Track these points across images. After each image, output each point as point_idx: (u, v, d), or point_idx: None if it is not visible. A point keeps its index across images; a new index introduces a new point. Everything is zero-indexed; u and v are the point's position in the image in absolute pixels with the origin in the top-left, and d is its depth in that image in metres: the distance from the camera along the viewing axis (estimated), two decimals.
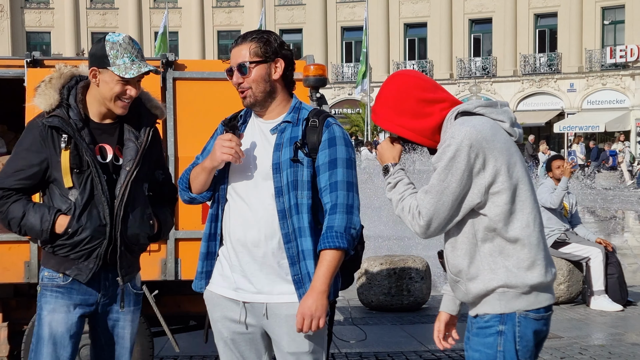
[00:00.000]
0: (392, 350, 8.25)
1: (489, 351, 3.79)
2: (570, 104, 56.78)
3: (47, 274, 4.47)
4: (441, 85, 4.02)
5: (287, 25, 63.95)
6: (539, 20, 58.78)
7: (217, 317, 4.26)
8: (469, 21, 60.34)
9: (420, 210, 3.74)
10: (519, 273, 3.73)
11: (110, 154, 4.45)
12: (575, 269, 11.18)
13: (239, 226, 4.13)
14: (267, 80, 4.12)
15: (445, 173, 3.69)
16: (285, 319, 4.10)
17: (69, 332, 4.44)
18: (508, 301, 3.75)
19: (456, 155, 3.67)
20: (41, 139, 4.36)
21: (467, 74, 59.37)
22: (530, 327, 3.77)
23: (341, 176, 4.09)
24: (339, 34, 62.97)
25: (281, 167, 4.07)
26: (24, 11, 64.22)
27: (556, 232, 11.09)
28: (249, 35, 4.17)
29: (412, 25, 61.99)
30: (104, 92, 4.36)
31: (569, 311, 10.75)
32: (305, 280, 4.07)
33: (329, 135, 4.13)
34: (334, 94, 61.80)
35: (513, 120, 3.88)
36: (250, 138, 4.20)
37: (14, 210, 4.38)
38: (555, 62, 57.75)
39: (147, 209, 4.54)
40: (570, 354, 8.29)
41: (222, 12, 65.08)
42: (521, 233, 3.74)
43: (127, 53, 4.32)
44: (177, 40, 62.82)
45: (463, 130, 3.70)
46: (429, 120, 3.89)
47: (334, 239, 4.02)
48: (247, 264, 4.12)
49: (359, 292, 10.94)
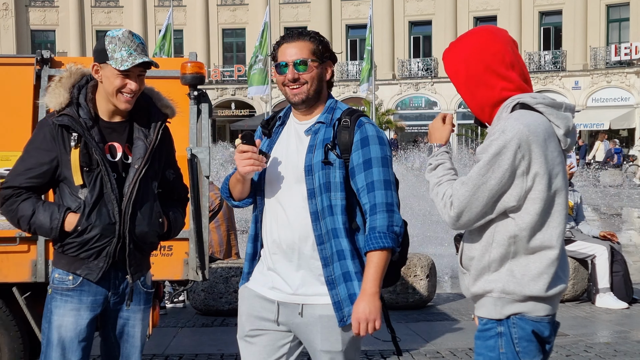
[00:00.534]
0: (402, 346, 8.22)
1: (491, 354, 3.75)
2: (575, 101, 56.65)
3: (58, 275, 4.47)
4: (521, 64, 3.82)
5: (291, 23, 63.85)
6: (544, 17, 58.75)
7: (242, 310, 4.26)
8: (474, 19, 60.27)
9: (453, 201, 3.64)
10: (521, 281, 3.66)
11: (119, 152, 4.45)
12: (580, 267, 11.17)
13: (274, 228, 4.13)
14: (321, 80, 4.16)
15: (486, 168, 3.58)
16: (319, 318, 4.09)
17: (78, 337, 4.44)
18: (503, 307, 3.70)
19: (502, 152, 3.56)
20: (51, 138, 4.37)
21: None
22: (528, 327, 3.70)
23: (377, 175, 4.04)
24: (344, 32, 62.93)
25: (313, 169, 4.04)
26: (28, 9, 64.29)
27: None
28: (305, 34, 4.20)
29: (417, 23, 61.98)
30: (106, 87, 4.37)
31: (574, 309, 10.74)
32: (339, 282, 4.04)
33: (361, 135, 4.08)
34: (339, 92, 61.75)
35: (569, 128, 3.71)
36: (286, 140, 4.20)
37: (24, 208, 4.38)
38: (560, 60, 57.72)
39: (157, 207, 4.54)
40: (575, 352, 8.28)
41: (226, 9, 65.08)
42: (542, 246, 3.66)
43: (124, 46, 4.32)
44: (181, 38, 62.84)
45: (516, 127, 3.56)
46: (487, 92, 3.74)
47: (377, 239, 3.98)
48: (282, 265, 4.12)
49: None
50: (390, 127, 58.78)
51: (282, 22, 63.06)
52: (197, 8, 64.22)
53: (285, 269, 4.12)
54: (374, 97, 50.15)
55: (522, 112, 3.65)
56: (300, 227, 4.07)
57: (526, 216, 3.62)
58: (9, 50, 62.17)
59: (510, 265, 3.68)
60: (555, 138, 3.66)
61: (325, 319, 4.07)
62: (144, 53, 4.38)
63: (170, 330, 9.50)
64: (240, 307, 4.30)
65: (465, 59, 3.77)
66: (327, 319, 4.07)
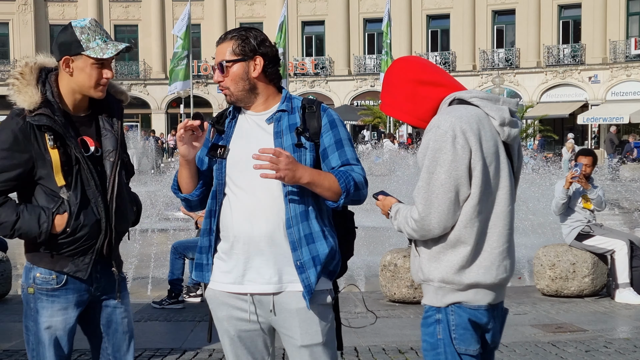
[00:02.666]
0: (415, 344, 8.21)
1: (431, 340, 3.90)
2: (594, 95, 56.47)
3: (40, 275, 4.35)
4: (445, 72, 4.03)
5: (309, 17, 63.89)
6: (563, 11, 58.46)
7: (222, 316, 4.27)
8: (492, 12, 60.10)
9: (417, 207, 3.77)
10: (458, 270, 3.78)
11: (92, 146, 4.33)
12: (599, 262, 11.10)
13: (244, 218, 4.12)
14: (245, 79, 4.16)
15: (433, 165, 3.72)
16: (297, 312, 4.11)
17: (68, 334, 4.41)
18: (444, 295, 3.83)
19: (441, 146, 3.69)
20: (24, 138, 4.19)
21: (490, 65, 59.15)
22: (465, 315, 3.82)
23: (350, 154, 4.18)
24: (362, 26, 62.85)
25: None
26: (47, 4, 64.49)
27: (579, 225, 11.01)
28: (230, 33, 4.23)
29: (434, 16, 61.81)
30: (80, 81, 4.25)
31: (593, 304, 10.68)
32: (308, 266, 4.07)
33: (328, 118, 4.19)
34: (356, 85, 61.75)
35: (505, 120, 3.85)
36: (244, 131, 4.22)
37: (5, 214, 4.23)
38: (579, 53, 57.45)
39: (130, 196, 4.51)
40: (595, 347, 8.23)
41: (244, 4, 65.07)
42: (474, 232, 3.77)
43: (97, 35, 4.23)
44: (199, 33, 62.87)
45: (448, 120, 3.72)
46: (426, 103, 3.91)
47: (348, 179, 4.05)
48: (253, 255, 4.12)
49: (382, 285, 10.91)
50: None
51: (300, 17, 63.07)
52: (214, 2, 64.25)
53: (256, 259, 4.12)
54: None
55: (454, 107, 3.83)
56: (276, 212, 4.08)
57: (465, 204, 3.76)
58: (28, 44, 62.43)
59: (449, 258, 3.80)
60: (490, 128, 3.80)
61: (302, 311, 4.10)
62: (113, 39, 4.29)
63: (187, 324, 9.52)
64: (217, 312, 4.29)
65: (393, 90, 3.97)
66: (304, 312, 4.10)
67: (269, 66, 4.18)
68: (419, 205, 3.74)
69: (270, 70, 4.20)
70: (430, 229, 3.75)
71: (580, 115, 54.71)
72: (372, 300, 10.99)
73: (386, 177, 24.38)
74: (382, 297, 10.97)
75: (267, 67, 4.17)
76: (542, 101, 57.45)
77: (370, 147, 42.85)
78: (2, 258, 10.95)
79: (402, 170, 24.21)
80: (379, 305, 10.63)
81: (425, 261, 3.86)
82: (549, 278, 11.13)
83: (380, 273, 10.88)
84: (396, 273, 10.65)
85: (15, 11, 63.07)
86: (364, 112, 57.54)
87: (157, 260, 13.53)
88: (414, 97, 3.90)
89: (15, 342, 8.41)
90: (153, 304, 10.55)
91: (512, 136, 3.86)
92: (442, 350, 3.84)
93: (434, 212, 3.71)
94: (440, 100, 3.89)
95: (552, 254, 11.21)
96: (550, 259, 11.15)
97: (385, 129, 51.34)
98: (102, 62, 4.25)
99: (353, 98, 62.41)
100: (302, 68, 63.41)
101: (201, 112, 4.64)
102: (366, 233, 13.65)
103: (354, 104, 61.45)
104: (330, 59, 63.51)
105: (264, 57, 4.16)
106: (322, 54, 64.24)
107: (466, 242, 3.77)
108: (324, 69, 63.63)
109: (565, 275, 11.04)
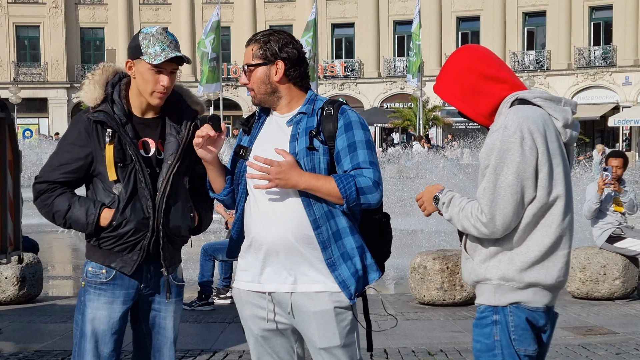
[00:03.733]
0: (445, 346, 8.20)
1: (487, 341, 3.85)
2: (625, 97, 56.10)
3: (91, 269, 4.53)
4: (509, 68, 3.99)
5: (339, 20, 63.92)
6: (594, 12, 58.14)
7: (246, 315, 4.32)
8: (523, 14, 59.88)
9: (482, 208, 3.70)
10: (520, 268, 3.75)
11: (152, 147, 4.51)
12: (630, 264, 11.04)
13: (260, 220, 4.17)
14: (266, 82, 4.21)
15: (500, 166, 3.67)
16: (314, 315, 4.13)
17: (111, 330, 4.51)
18: (503, 294, 3.79)
19: (509, 147, 3.66)
20: (86, 133, 4.42)
21: (520, 67, 58.92)
22: (524, 315, 3.79)
23: (363, 157, 4.11)
24: (391, 28, 62.81)
25: (297, 157, 4.11)
26: (77, 7, 64.89)
27: (610, 227, 10.95)
28: (255, 36, 4.28)
29: (464, 18, 61.69)
30: (139, 83, 4.43)
31: (624, 307, 10.63)
32: (339, 262, 4.10)
33: (344, 120, 4.15)
34: (385, 88, 61.72)
35: (568, 121, 3.83)
36: (266, 134, 4.27)
37: (59, 203, 4.44)
38: (610, 55, 57.11)
39: (188, 202, 4.59)
40: (625, 350, 8.19)
41: (274, 6, 65.23)
42: (542, 234, 3.74)
43: (158, 42, 4.38)
44: (229, 35, 63.07)
45: (516, 120, 3.68)
46: (487, 99, 3.87)
47: (350, 185, 4.01)
48: (269, 255, 4.16)
49: (412, 287, 10.90)
50: (437, 124, 58.58)
51: (329, 19, 63.14)
52: (244, 5, 64.42)
53: (271, 259, 4.16)
54: (420, 94, 49.95)
55: (519, 107, 3.78)
56: (291, 215, 4.11)
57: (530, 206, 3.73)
58: (59, 47, 62.86)
59: (510, 255, 3.77)
60: (554, 129, 3.77)
61: (320, 314, 4.12)
62: (177, 49, 4.42)
63: (217, 325, 9.55)
64: (242, 311, 4.35)
65: (456, 77, 3.91)
66: (322, 314, 4.12)
67: (291, 69, 4.20)
68: (484, 206, 3.69)
69: (293, 73, 4.21)
70: (495, 230, 3.71)
71: (611, 118, 54.36)
72: (401, 302, 10.99)
73: (413, 180, 24.36)
74: (411, 300, 10.96)
75: (288, 70, 4.20)
76: None
77: (400, 150, 42.79)
78: (34, 260, 11.03)
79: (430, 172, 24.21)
80: (408, 307, 10.62)
81: (483, 260, 3.82)
82: (579, 280, 11.08)
83: (410, 275, 10.87)
84: (426, 275, 10.64)
85: (46, 14, 63.52)
86: (393, 114, 57.49)
87: (187, 262, 13.58)
88: (477, 89, 3.85)
89: (47, 343, 8.48)
90: (183, 305, 10.57)
91: (573, 138, 3.85)
92: (500, 352, 3.81)
93: (499, 214, 3.67)
94: (501, 98, 3.85)
95: (582, 256, 11.16)
96: (581, 261, 11.10)
97: (415, 132, 51.23)
98: (160, 69, 4.39)
99: (383, 100, 62.38)
100: (332, 70, 63.46)
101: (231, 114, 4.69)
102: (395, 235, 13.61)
103: (383, 107, 61.44)
104: (359, 61, 63.50)
105: (285, 61, 4.18)
106: (352, 56, 64.26)
107: (528, 242, 3.75)
108: (354, 71, 63.65)
109: (595, 277, 10.99)
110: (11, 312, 10.25)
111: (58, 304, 11.14)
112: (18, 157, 7.32)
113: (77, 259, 16.92)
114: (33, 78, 63.51)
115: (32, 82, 63.04)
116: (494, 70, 3.88)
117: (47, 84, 63.32)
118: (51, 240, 19.17)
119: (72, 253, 18.75)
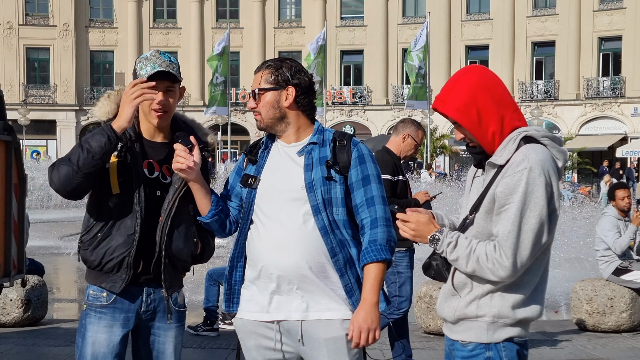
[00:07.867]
0: None
1: None
2: (634, 128, 56.10)
3: (92, 292, 4.58)
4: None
5: (348, 47, 64.11)
6: (603, 43, 58.25)
7: (250, 345, 4.30)
8: (532, 44, 60.02)
9: (504, 252, 3.61)
10: (514, 306, 3.73)
11: (157, 171, 4.56)
12: (637, 297, 11.00)
13: (272, 247, 4.17)
14: (276, 107, 4.23)
15: (523, 209, 3.61)
16: (325, 342, 4.14)
17: (112, 353, 4.53)
18: (496, 331, 3.76)
19: (534, 190, 3.61)
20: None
21: (528, 97, 59.00)
22: (515, 349, 3.79)
23: (376, 191, 4.21)
24: (400, 56, 62.93)
25: (314, 186, 4.14)
26: (88, 30, 65.14)
27: (617, 260, 10.92)
28: (266, 62, 4.32)
29: (474, 47, 61.83)
30: (141, 105, 4.48)
31: (631, 340, 10.57)
32: (355, 288, 4.16)
33: (357, 153, 4.23)
34: (394, 115, 61.73)
35: (566, 162, 3.86)
36: (275, 163, 4.29)
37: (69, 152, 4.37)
38: (619, 86, 57.17)
39: (192, 227, 4.60)
40: None
41: (283, 32, 65.46)
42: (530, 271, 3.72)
43: (150, 63, 4.45)
44: (238, 61, 63.27)
45: (539, 163, 3.62)
46: (496, 123, 3.76)
47: (378, 252, 4.12)
48: (281, 284, 4.16)
49: (417, 316, 10.87)
50: (445, 152, 58.58)
51: (339, 46, 63.32)
52: (254, 30, 64.65)
53: (285, 287, 4.16)
54: (429, 122, 50.00)
55: (534, 147, 3.71)
56: (303, 243, 4.13)
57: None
58: (69, 70, 63.10)
59: (503, 291, 3.73)
60: (557, 170, 3.76)
61: (331, 341, 4.14)
62: (169, 67, 4.46)
63: (221, 352, 9.55)
64: (246, 341, 4.32)
65: (473, 97, 3.77)
66: (333, 341, 4.13)
67: (301, 97, 4.24)
68: (507, 250, 3.60)
69: (303, 100, 4.25)
70: (515, 275, 3.65)
71: (619, 149, 54.30)
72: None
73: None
74: (417, 329, 10.92)
75: (299, 97, 4.23)
76: (580, 133, 57.18)
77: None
78: (39, 282, 11.02)
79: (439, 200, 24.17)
80: (414, 336, 10.56)
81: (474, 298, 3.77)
82: (586, 312, 11.04)
83: (416, 304, 10.83)
84: (431, 305, 10.60)
85: (56, 37, 63.78)
86: None
87: (192, 285, 13.55)
88: (486, 111, 3.75)
89: None
90: (189, 328, 10.57)
91: (561, 177, 3.85)
92: None
93: (521, 259, 3.61)
94: (511, 127, 3.76)
95: (589, 288, 11.13)
96: (588, 293, 11.07)
97: (423, 160, 51.23)
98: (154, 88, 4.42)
99: (390, 128, 62.42)
100: (340, 97, 63.58)
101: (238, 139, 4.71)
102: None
103: (391, 134, 61.38)
104: (368, 88, 63.65)
105: (296, 87, 4.22)
106: (360, 83, 64.42)
107: (531, 281, 3.73)
108: (362, 98, 63.77)
109: (602, 309, 10.94)
110: (15, 335, 10.25)
111: (62, 327, 11.13)
112: (23, 181, 7.31)
113: (83, 282, 16.83)
114: (42, 100, 63.70)
115: (42, 104, 63.23)
116: (508, 96, 3.83)
117: (56, 106, 63.51)
118: (57, 263, 19.19)
119: (78, 275, 18.72)
